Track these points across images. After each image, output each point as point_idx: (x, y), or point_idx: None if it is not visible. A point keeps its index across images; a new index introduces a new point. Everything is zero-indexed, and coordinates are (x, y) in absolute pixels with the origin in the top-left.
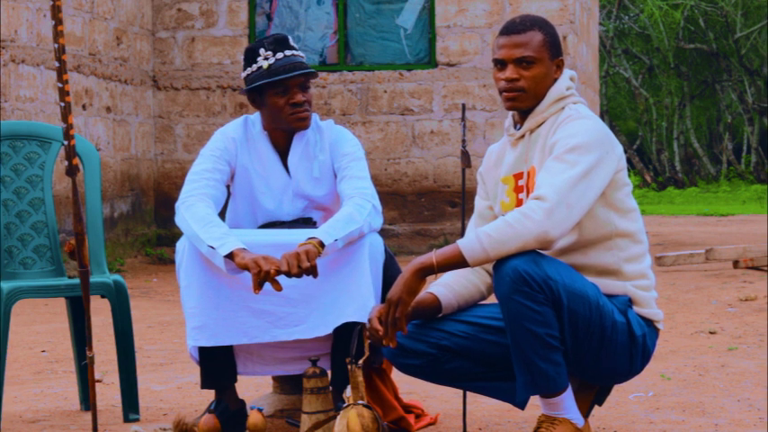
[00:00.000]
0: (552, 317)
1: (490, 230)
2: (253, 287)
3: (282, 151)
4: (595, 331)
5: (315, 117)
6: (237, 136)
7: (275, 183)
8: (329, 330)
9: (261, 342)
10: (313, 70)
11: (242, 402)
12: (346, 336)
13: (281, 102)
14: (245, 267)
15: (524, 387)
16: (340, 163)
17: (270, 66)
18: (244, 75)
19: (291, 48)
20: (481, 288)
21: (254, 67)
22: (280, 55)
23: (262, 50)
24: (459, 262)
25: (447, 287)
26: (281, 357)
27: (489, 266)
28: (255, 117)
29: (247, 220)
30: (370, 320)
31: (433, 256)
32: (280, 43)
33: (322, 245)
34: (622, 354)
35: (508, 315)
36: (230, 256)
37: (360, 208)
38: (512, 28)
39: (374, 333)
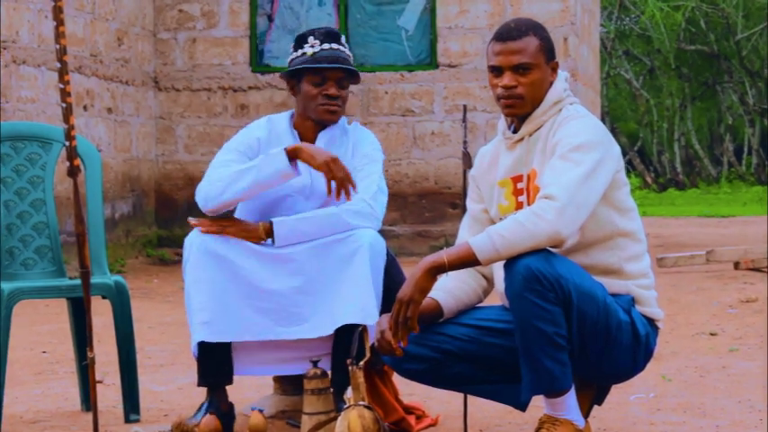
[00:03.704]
0: (561, 316)
1: (502, 230)
2: (327, 191)
3: None
4: (601, 331)
5: (343, 120)
6: (262, 136)
7: (293, 183)
8: (330, 331)
9: (264, 340)
10: (355, 70)
11: (231, 405)
12: (347, 337)
13: (314, 91)
14: (317, 167)
15: (529, 386)
16: (356, 163)
17: (314, 54)
18: (289, 59)
19: (341, 44)
20: (479, 291)
21: (299, 52)
22: (326, 46)
23: (311, 38)
24: (470, 261)
25: (447, 292)
26: (281, 357)
27: (485, 270)
28: (281, 115)
29: (257, 218)
30: (381, 332)
31: (444, 255)
32: (330, 36)
33: (271, 230)
34: (626, 353)
35: (518, 313)
36: (293, 155)
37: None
38: (506, 34)
39: (385, 345)
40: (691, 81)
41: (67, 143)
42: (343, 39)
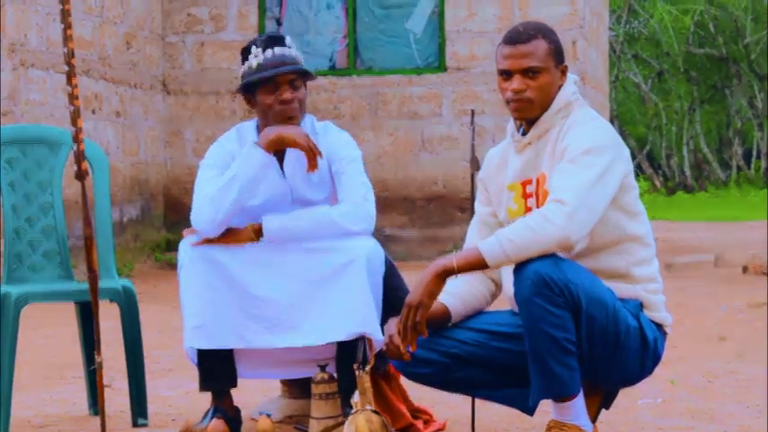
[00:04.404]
0: (570, 321)
1: (511, 234)
2: (309, 166)
3: (279, 156)
4: (610, 336)
5: (311, 119)
6: (233, 148)
7: (274, 190)
8: (323, 342)
9: (256, 347)
10: (304, 68)
11: (238, 409)
12: (350, 342)
13: (269, 99)
14: (291, 142)
15: (538, 390)
16: (337, 167)
17: (259, 63)
18: (240, 75)
19: (284, 45)
20: (487, 295)
21: (246, 65)
22: (269, 52)
23: (253, 48)
24: (480, 265)
25: (455, 296)
26: (286, 360)
27: (494, 274)
28: (248, 125)
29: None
30: (390, 337)
31: (454, 259)
32: (272, 41)
33: (260, 230)
34: (634, 358)
35: (527, 317)
36: (275, 146)
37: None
38: (516, 37)
39: (394, 349)
40: (699, 84)
41: (75, 146)
42: (287, 40)
